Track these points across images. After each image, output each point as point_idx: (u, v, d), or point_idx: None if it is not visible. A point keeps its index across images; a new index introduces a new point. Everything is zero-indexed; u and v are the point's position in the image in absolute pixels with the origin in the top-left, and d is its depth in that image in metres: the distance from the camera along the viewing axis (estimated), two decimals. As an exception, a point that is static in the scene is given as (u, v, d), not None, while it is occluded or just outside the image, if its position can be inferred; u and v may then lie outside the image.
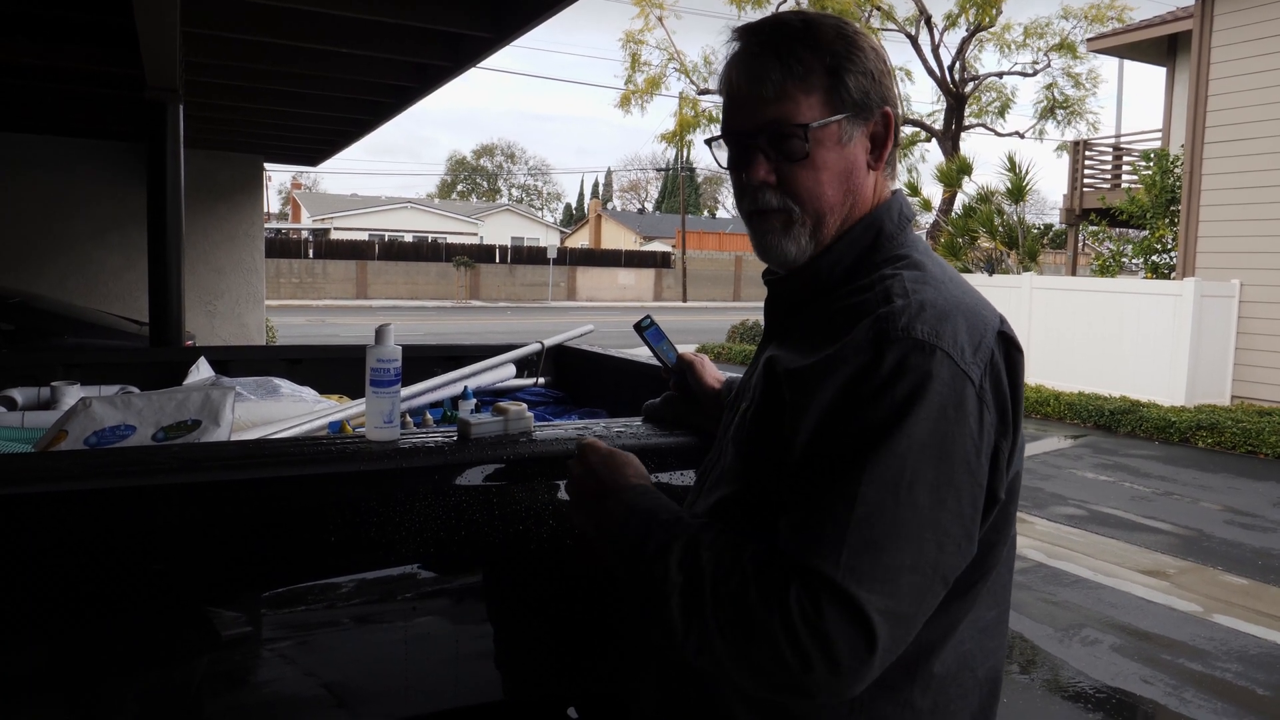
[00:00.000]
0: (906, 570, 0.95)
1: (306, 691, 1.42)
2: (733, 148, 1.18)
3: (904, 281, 1.08)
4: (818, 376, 1.04)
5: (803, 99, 1.12)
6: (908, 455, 0.96)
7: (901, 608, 0.95)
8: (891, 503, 0.95)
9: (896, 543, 0.95)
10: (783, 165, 1.14)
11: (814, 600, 0.93)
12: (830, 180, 1.15)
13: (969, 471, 1.00)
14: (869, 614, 0.92)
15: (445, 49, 5.44)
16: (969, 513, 1.00)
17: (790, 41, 1.13)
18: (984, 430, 1.02)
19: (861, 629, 0.92)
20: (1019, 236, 14.19)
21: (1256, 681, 3.84)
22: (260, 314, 11.13)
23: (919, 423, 0.97)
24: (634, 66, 23.17)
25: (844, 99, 1.13)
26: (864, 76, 1.14)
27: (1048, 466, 8.05)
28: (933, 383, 0.98)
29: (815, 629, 0.92)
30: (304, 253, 33.29)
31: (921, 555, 0.96)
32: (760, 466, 1.11)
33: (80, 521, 1.29)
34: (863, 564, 0.93)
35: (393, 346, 1.56)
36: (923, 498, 0.96)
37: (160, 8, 3.60)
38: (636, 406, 1.88)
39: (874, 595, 0.93)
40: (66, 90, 6.51)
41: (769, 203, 1.16)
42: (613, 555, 1.15)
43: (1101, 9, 20.74)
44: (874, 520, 0.95)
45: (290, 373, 3.21)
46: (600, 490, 1.21)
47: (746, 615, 0.95)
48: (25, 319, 6.67)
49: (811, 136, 1.12)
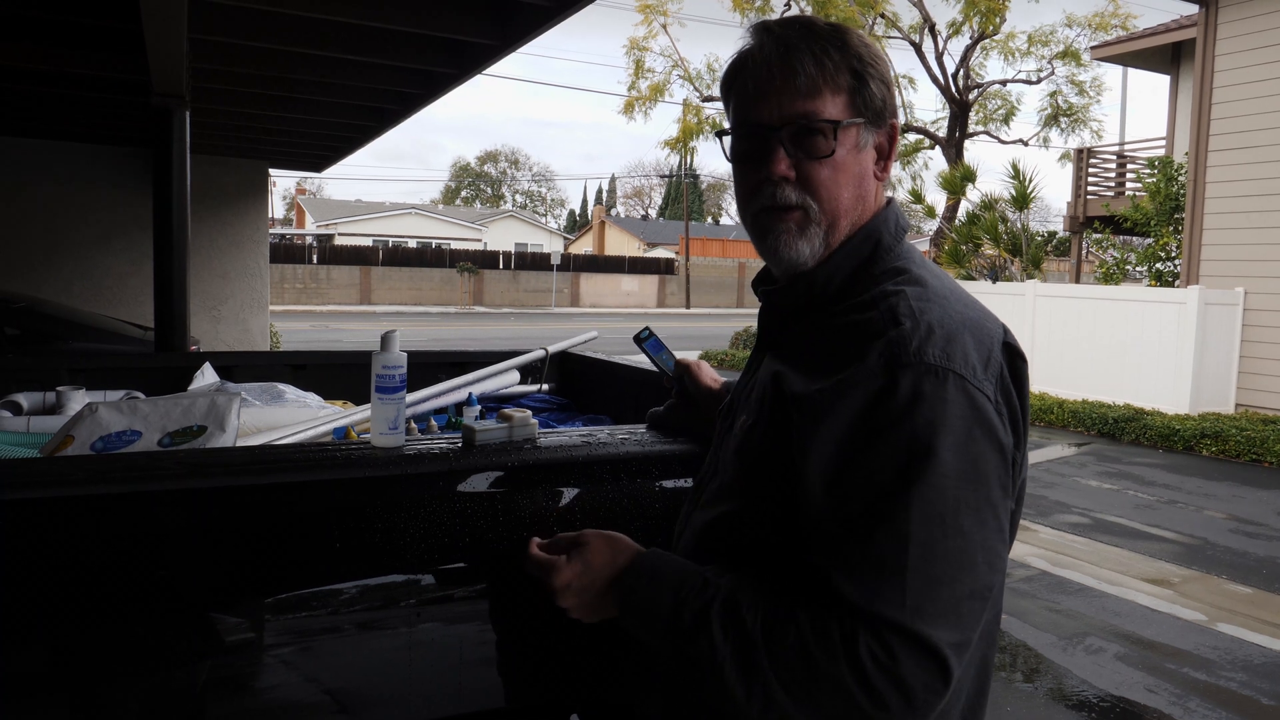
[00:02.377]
0: (967, 598, 0.96)
1: (310, 697, 1.42)
2: (750, 141, 1.16)
3: (909, 300, 1.07)
4: (827, 402, 1.03)
5: (830, 97, 1.12)
6: (947, 486, 0.96)
7: (968, 635, 0.97)
8: (941, 535, 0.95)
9: (954, 573, 0.96)
10: (804, 162, 1.12)
11: (885, 646, 0.93)
12: (847, 183, 1.14)
13: (1001, 486, 1.01)
14: (942, 651, 0.93)
15: (450, 56, 5.46)
16: (1005, 525, 1.02)
17: (822, 40, 1.13)
18: (1005, 444, 1.03)
19: (937, 666, 0.93)
20: (1023, 244, 14.19)
21: (1261, 691, 3.83)
22: (264, 319, 11.15)
23: (949, 450, 0.97)
24: (638, 73, 23.24)
25: (866, 104, 1.14)
26: (883, 85, 1.15)
27: (1052, 474, 8.03)
28: (953, 407, 0.99)
29: (890, 674, 0.92)
30: (308, 258, 33.35)
31: (978, 579, 0.97)
32: (762, 485, 1.11)
33: (86, 526, 1.29)
34: (927, 603, 0.94)
35: (398, 353, 1.56)
36: (969, 524, 0.97)
37: (168, 14, 3.62)
38: (640, 413, 1.88)
39: (943, 630, 0.94)
40: (72, 95, 6.54)
41: (788, 199, 1.13)
42: (643, 634, 1.11)
43: (1105, 17, 20.76)
44: (929, 557, 0.95)
45: (295, 378, 3.22)
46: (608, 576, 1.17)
47: (812, 671, 0.95)
48: (31, 324, 6.68)
49: (837, 135, 1.12)
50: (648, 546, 1.19)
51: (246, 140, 9.01)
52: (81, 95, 6.48)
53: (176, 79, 4.57)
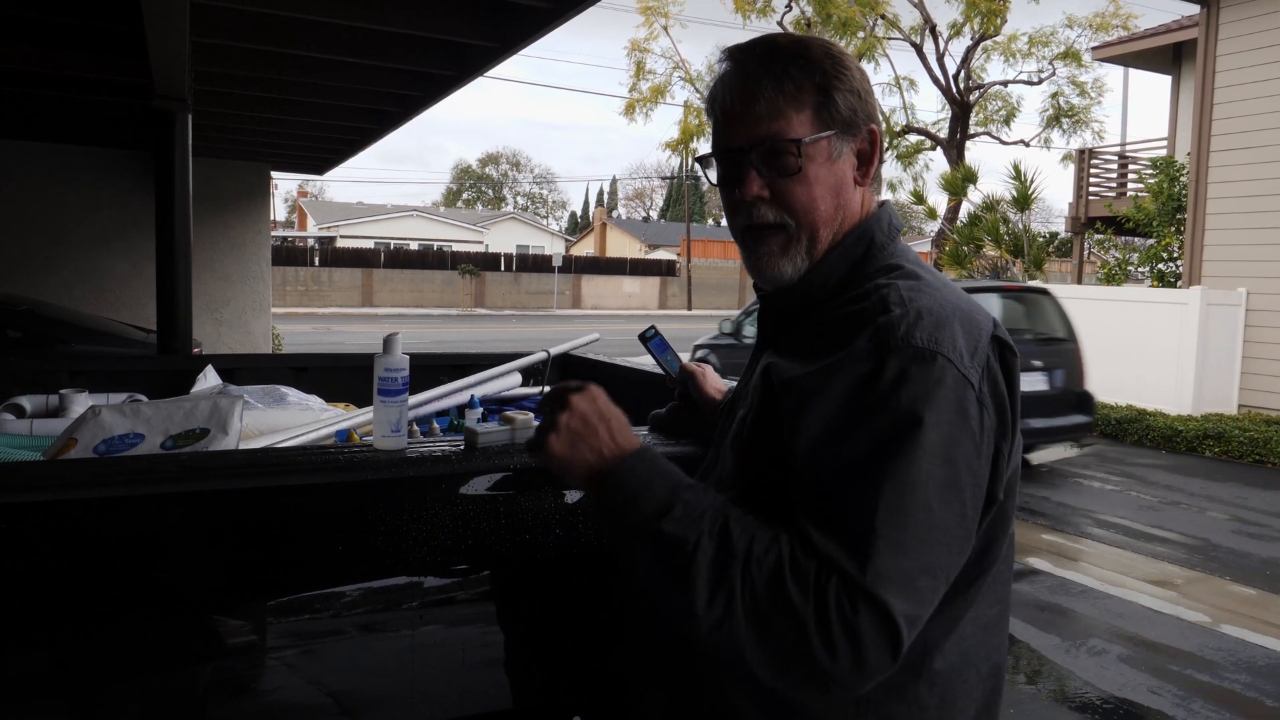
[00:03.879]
0: (923, 573, 0.98)
1: (313, 699, 1.42)
2: (725, 164, 1.20)
3: (899, 290, 1.10)
4: (817, 384, 1.06)
5: (794, 115, 1.15)
6: (921, 461, 0.99)
7: (920, 611, 0.99)
8: (911, 506, 0.98)
9: (916, 545, 0.98)
10: (775, 180, 1.16)
11: (851, 598, 0.95)
12: (823, 195, 1.17)
13: (971, 473, 1.03)
14: (896, 619, 0.95)
15: (449, 59, 5.46)
16: (970, 514, 1.03)
17: (782, 61, 1.16)
18: (984, 432, 1.04)
19: (890, 632, 0.95)
20: (1024, 245, 14.18)
21: (1265, 693, 3.82)
22: (266, 322, 11.16)
23: (930, 428, 0.99)
24: (639, 74, 23.26)
25: (834, 116, 1.16)
26: (851, 95, 1.17)
27: (1054, 475, 8.03)
28: (937, 389, 1.01)
29: (849, 625, 0.94)
30: (310, 260, 33.39)
31: (934, 557, 0.99)
32: (758, 472, 1.13)
33: (90, 530, 1.29)
34: (888, 568, 0.96)
35: (400, 356, 1.56)
36: (936, 501, 0.99)
37: (170, 17, 3.62)
38: (642, 415, 1.88)
39: (899, 600, 0.95)
40: (74, 98, 6.54)
41: (765, 217, 1.18)
42: (622, 512, 1.07)
43: (1106, 18, 20.73)
44: (896, 524, 0.97)
45: (297, 381, 3.22)
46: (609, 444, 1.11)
47: (778, 598, 0.96)
48: (33, 326, 6.68)
49: (804, 151, 1.15)
50: None
51: (248, 143, 9.02)
52: (83, 98, 6.48)
53: (178, 82, 4.57)
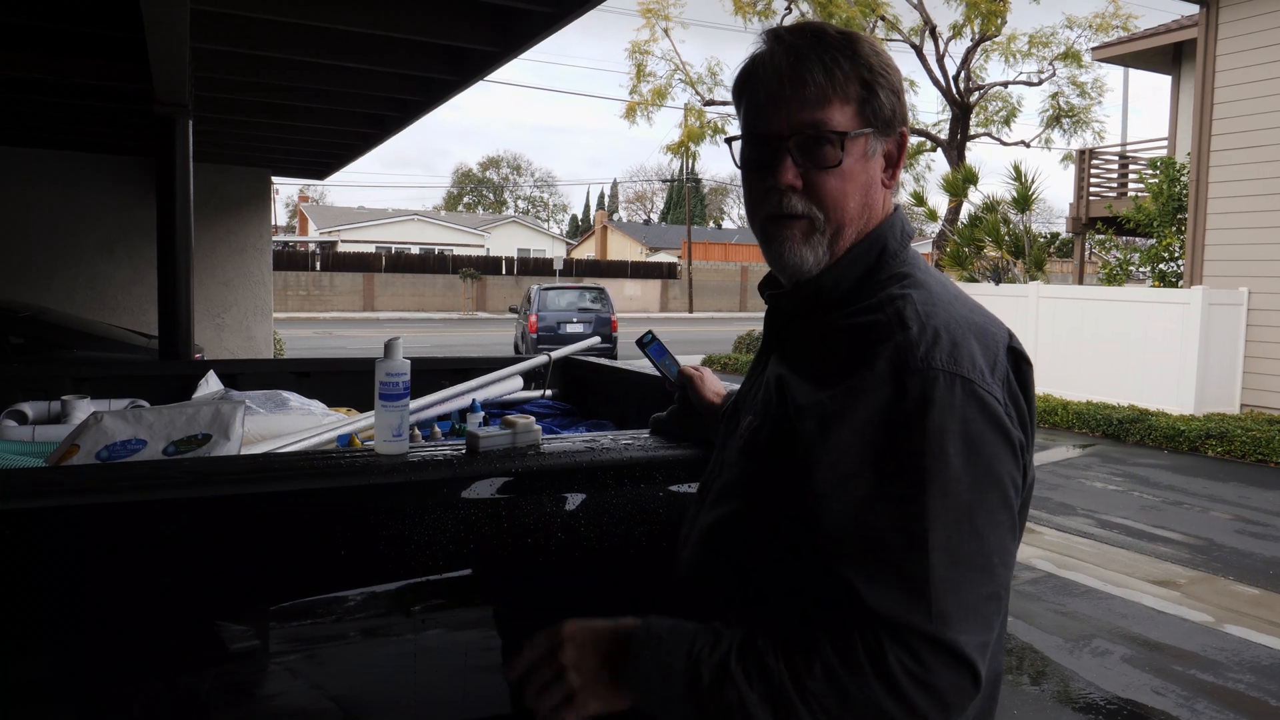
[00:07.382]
0: (986, 599, 0.97)
1: (315, 704, 1.42)
2: (759, 149, 1.16)
3: (915, 305, 1.07)
4: (838, 410, 1.03)
5: (839, 107, 1.12)
6: (961, 491, 0.97)
7: (989, 635, 0.97)
8: (959, 540, 0.96)
9: (974, 576, 0.96)
10: (811, 171, 1.13)
11: (914, 655, 0.93)
12: (854, 192, 1.15)
13: (1015, 487, 1.02)
14: (969, 654, 0.94)
15: (450, 63, 5.47)
16: (1016, 522, 1.04)
17: (832, 50, 1.13)
18: (1016, 445, 1.03)
19: (966, 669, 0.94)
20: (1025, 245, 14.18)
21: (1269, 693, 3.81)
22: (268, 327, 11.17)
23: (960, 455, 0.98)
24: (639, 77, 23.25)
25: (875, 113, 1.14)
26: (893, 94, 1.15)
27: (1056, 476, 8.02)
28: (963, 411, 0.99)
29: (922, 683, 0.93)
30: (311, 265, 33.42)
31: (995, 580, 0.98)
32: (767, 485, 1.11)
33: (92, 535, 1.29)
34: (951, 608, 0.94)
35: (402, 360, 1.56)
36: (984, 526, 0.98)
37: (171, 23, 3.62)
38: (644, 418, 1.88)
39: (968, 634, 0.94)
40: (75, 105, 6.56)
41: (794, 207, 1.14)
42: (661, 703, 1.03)
43: (1106, 18, 20.74)
44: (949, 563, 0.95)
45: (298, 386, 3.22)
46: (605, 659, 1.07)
47: (844, 696, 0.94)
48: (35, 332, 6.70)
49: (845, 145, 1.12)
50: (649, 549, 1.19)
51: (249, 148, 9.03)
52: (84, 105, 6.49)
53: (179, 88, 4.57)
